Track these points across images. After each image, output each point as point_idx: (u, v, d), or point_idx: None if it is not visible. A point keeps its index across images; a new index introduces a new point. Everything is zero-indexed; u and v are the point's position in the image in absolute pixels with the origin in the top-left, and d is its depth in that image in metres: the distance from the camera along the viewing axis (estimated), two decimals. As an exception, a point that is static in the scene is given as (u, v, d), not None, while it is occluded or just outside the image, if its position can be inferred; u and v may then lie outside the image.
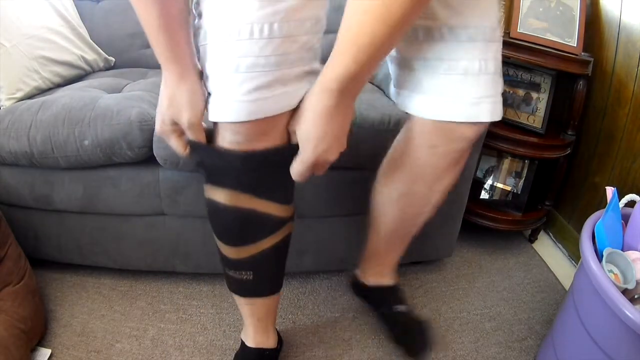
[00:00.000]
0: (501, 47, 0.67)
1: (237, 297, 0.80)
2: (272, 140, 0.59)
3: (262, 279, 0.75)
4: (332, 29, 0.55)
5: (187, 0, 0.56)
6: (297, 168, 0.61)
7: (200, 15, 0.56)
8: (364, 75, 0.54)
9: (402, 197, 0.80)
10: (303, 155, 0.60)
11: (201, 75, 0.59)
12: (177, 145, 0.63)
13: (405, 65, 0.69)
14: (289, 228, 0.72)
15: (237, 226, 0.66)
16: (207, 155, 0.63)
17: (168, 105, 0.59)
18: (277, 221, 0.68)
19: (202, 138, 0.61)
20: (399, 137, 0.79)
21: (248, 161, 0.60)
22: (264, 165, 0.62)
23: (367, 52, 0.50)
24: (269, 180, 0.64)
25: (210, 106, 0.58)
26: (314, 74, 0.57)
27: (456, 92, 0.65)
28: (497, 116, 0.66)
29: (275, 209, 0.66)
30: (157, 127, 0.63)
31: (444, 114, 0.66)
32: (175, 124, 0.61)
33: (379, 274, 1.00)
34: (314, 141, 0.58)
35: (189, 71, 0.57)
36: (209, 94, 0.58)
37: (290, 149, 0.61)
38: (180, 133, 0.62)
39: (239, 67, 0.53)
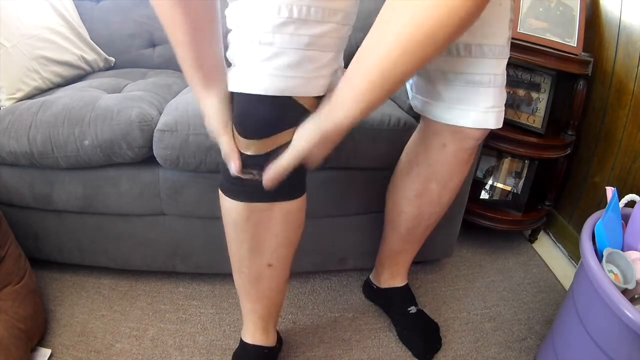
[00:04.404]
0: (507, 61, 0.75)
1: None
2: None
3: None
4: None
5: (217, 9, 0.59)
6: (283, 162, 0.62)
7: None
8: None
9: (419, 196, 0.87)
10: (292, 151, 0.61)
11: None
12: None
13: (424, 75, 0.77)
14: None
15: (269, 110, 0.63)
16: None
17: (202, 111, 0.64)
18: (305, 111, 0.64)
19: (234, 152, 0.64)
20: (412, 138, 0.88)
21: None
22: None
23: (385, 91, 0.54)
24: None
25: (235, 77, 0.60)
26: (340, 68, 0.61)
27: (469, 102, 0.73)
28: (500, 124, 0.76)
29: (306, 100, 0.63)
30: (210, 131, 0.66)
31: (457, 119, 0.75)
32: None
33: (392, 275, 1.03)
34: (309, 146, 0.60)
35: (214, 82, 0.61)
36: (233, 65, 0.60)
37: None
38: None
39: (273, 42, 0.55)
